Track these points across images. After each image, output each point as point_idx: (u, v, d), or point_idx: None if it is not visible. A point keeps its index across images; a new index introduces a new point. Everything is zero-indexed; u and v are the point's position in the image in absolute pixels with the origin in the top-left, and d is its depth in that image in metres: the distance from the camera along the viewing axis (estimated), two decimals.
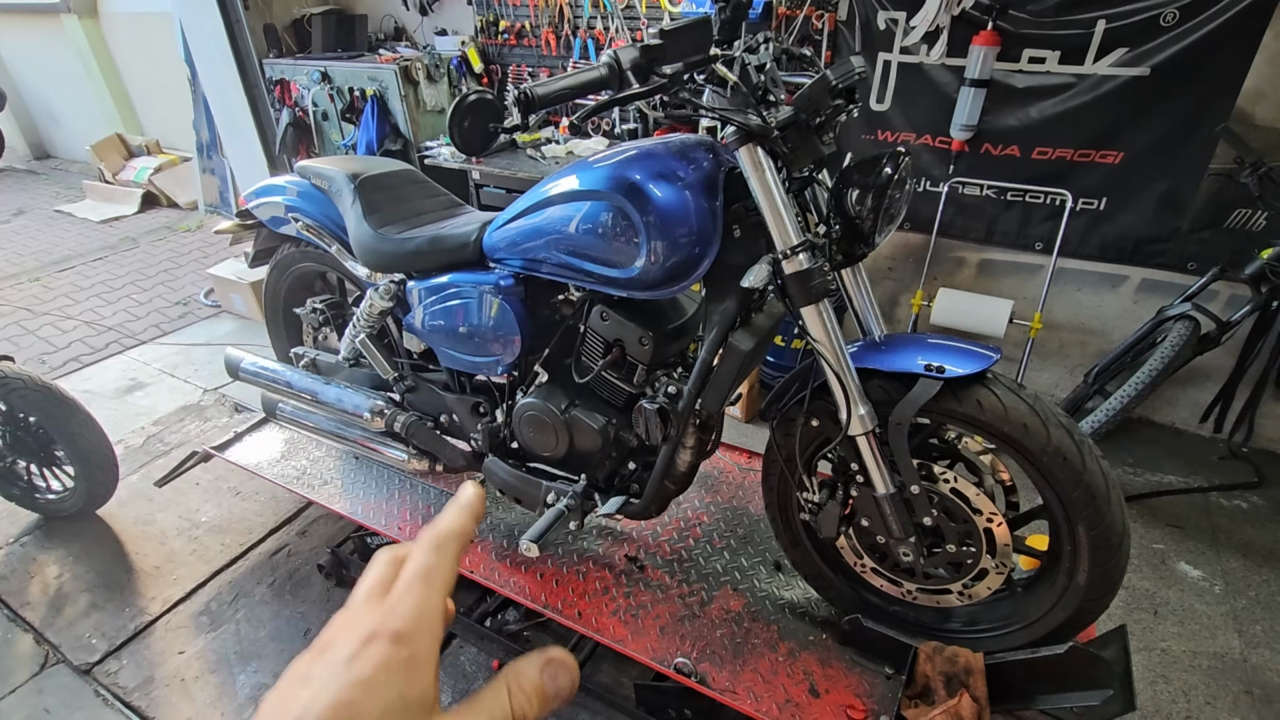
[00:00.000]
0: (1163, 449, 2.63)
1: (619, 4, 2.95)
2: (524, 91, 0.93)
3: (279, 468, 1.89)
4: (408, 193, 1.50)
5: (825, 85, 1.00)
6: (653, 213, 1.06)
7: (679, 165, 1.09)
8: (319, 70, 3.27)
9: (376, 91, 3.16)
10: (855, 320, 1.31)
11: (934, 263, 2.83)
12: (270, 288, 1.82)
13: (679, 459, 1.26)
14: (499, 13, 3.28)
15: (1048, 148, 2.45)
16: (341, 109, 3.29)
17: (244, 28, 3.43)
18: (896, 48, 2.52)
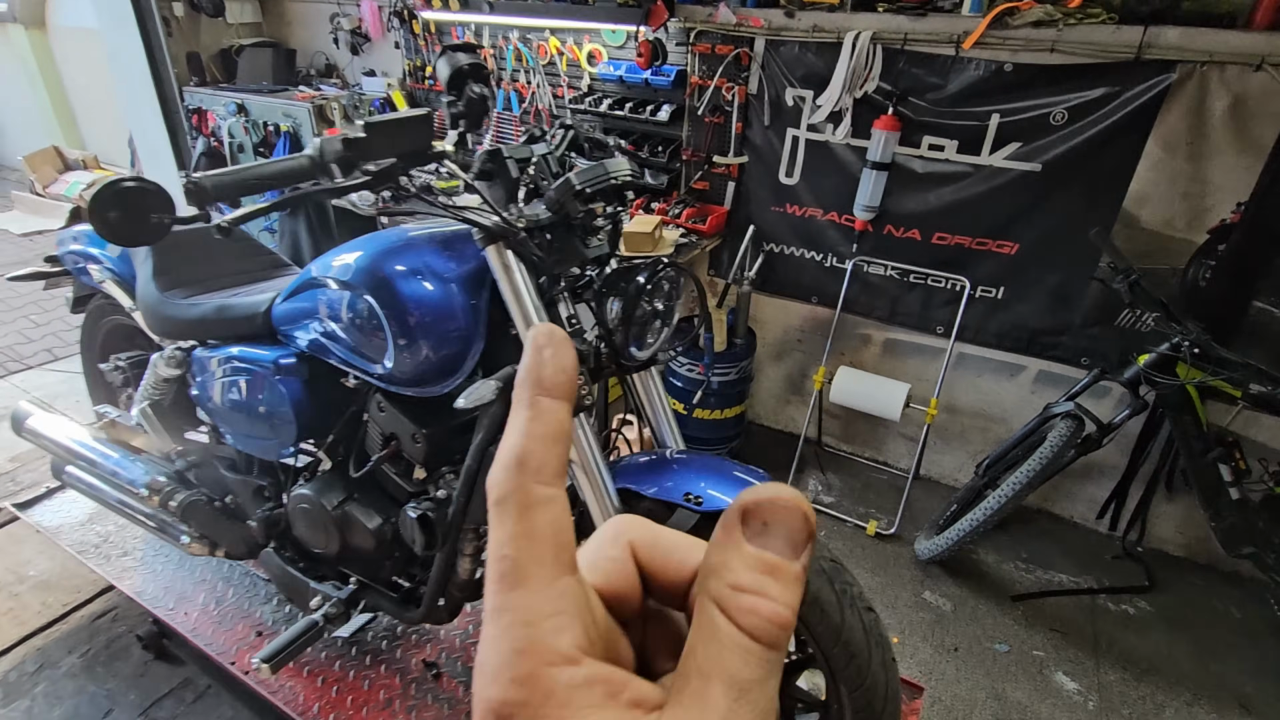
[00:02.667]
0: (1058, 544, 2.56)
1: (540, 60, 2.93)
2: (194, 181, 0.83)
3: (80, 533, 1.72)
4: (216, 252, 1.40)
5: (569, 189, 0.93)
6: (397, 309, 0.97)
7: (439, 258, 1.01)
8: (235, 102, 3.19)
9: (290, 128, 3.09)
10: (651, 431, 1.22)
11: (840, 338, 2.78)
12: (84, 338, 1.70)
13: (460, 567, 1.14)
14: (426, 59, 3.25)
15: (947, 233, 2.44)
16: (256, 143, 3.20)
17: (164, 53, 3.36)
18: (804, 124, 2.52)
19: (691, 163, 2.77)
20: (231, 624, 1.45)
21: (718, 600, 0.19)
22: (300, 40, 3.66)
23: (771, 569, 0.19)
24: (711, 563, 0.20)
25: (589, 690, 0.19)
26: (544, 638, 0.19)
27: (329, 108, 3.02)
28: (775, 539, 0.20)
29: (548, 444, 0.21)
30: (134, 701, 1.85)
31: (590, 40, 2.79)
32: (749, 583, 0.19)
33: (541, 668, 0.19)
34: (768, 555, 0.20)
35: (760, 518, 0.20)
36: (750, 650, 0.19)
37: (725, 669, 0.19)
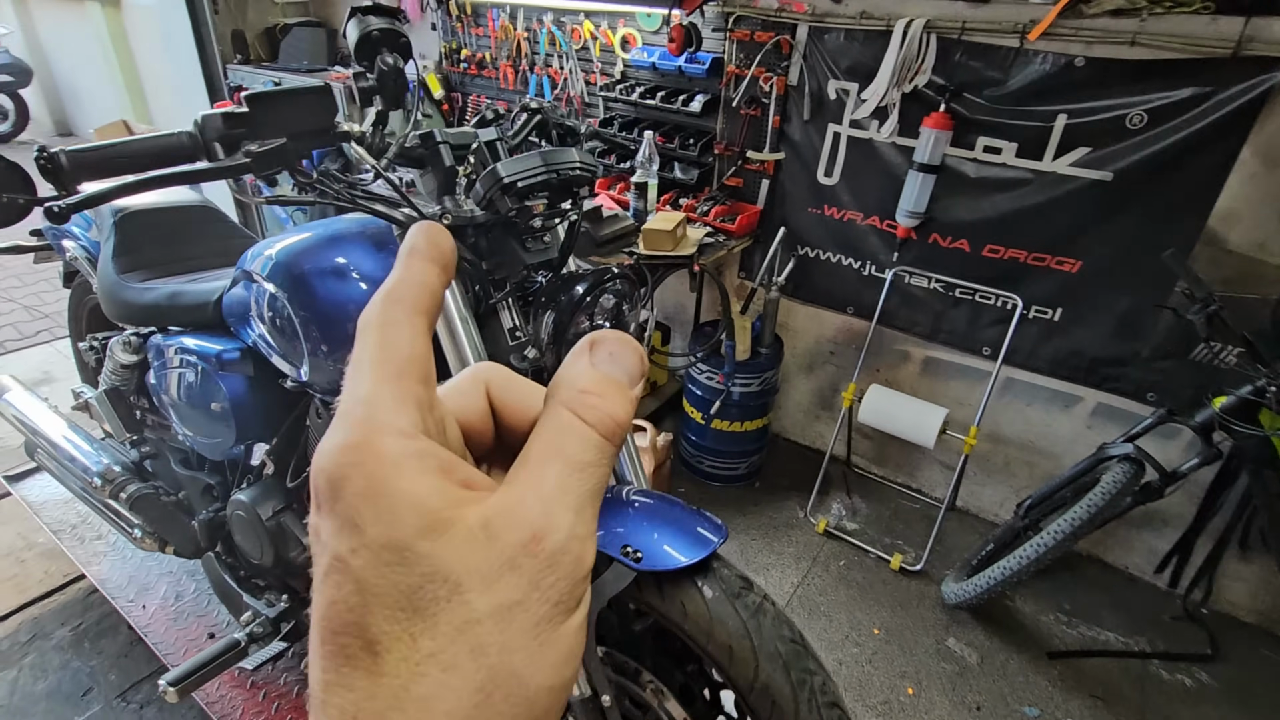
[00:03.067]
0: (1108, 597, 2.30)
1: (574, 44, 2.80)
2: (48, 155, 0.72)
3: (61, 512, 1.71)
4: (190, 234, 1.33)
5: (494, 181, 0.80)
6: (312, 312, 0.86)
7: (368, 257, 0.89)
8: (272, 80, 3.19)
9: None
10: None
11: (875, 353, 2.57)
12: (70, 315, 1.67)
13: None
14: (462, 41, 3.17)
15: (1000, 246, 2.20)
16: None
17: (210, 30, 3.39)
18: (846, 120, 2.32)
19: (724, 157, 2.60)
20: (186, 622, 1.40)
21: (565, 402, 0.22)
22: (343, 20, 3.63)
23: (613, 384, 0.23)
24: (560, 378, 0.24)
25: (420, 460, 0.20)
26: (380, 415, 0.20)
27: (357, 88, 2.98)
28: (617, 366, 0.23)
29: (410, 286, 0.24)
30: (114, 683, 1.84)
31: (625, 24, 2.65)
32: (595, 389, 0.23)
33: (376, 435, 0.20)
34: (611, 374, 0.23)
35: (606, 349, 0.24)
36: (588, 436, 0.22)
37: (564, 450, 0.22)
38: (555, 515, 0.20)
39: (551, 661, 0.20)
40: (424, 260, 0.24)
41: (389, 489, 0.19)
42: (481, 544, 0.20)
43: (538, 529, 0.20)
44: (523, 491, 0.21)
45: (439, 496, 0.20)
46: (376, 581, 0.19)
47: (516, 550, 0.20)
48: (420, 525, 0.19)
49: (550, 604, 0.20)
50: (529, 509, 0.20)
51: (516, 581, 0.20)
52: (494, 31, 3.00)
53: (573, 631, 0.21)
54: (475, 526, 0.20)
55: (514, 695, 0.20)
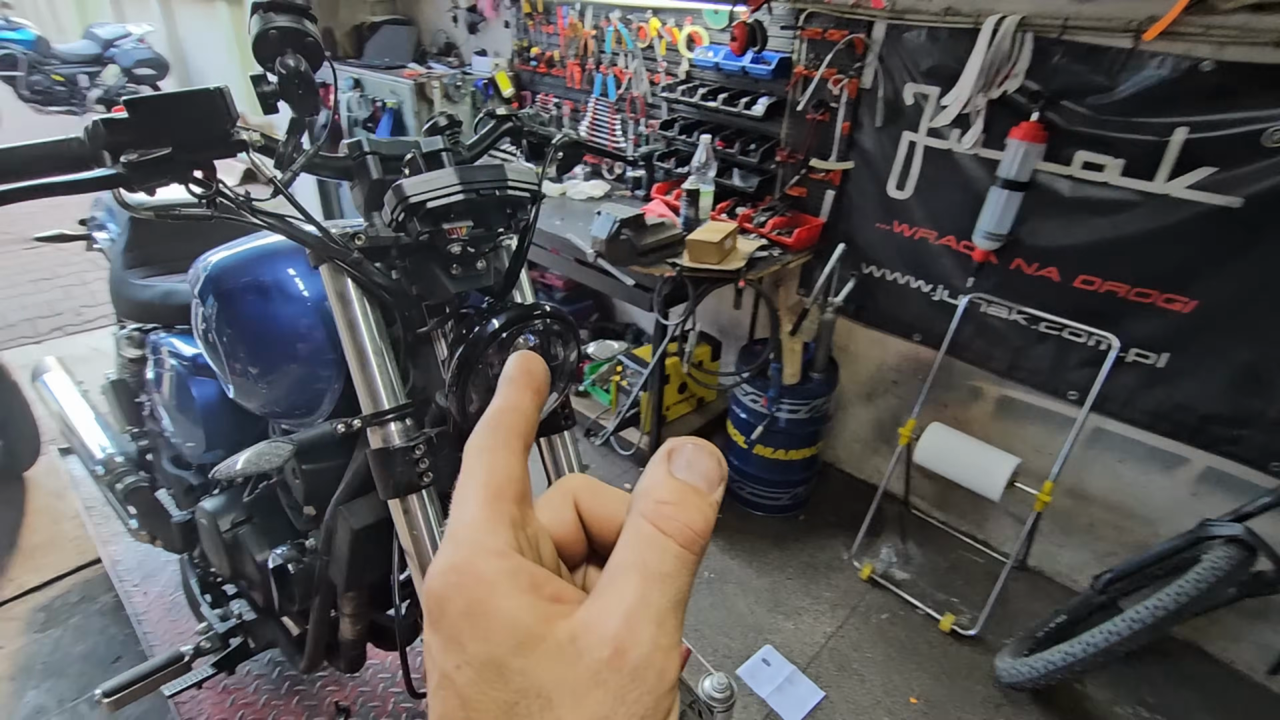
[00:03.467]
0: (1205, 696, 1.96)
1: (640, 42, 2.70)
2: None
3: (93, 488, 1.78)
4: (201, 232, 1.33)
5: (399, 199, 0.69)
6: (232, 329, 0.80)
7: (298, 275, 0.82)
8: (353, 77, 3.29)
9: (394, 105, 3.12)
10: None
11: (943, 387, 2.32)
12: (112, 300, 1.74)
13: (342, 626, 0.98)
14: (533, 39, 3.14)
15: (1096, 276, 1.91)
16: (364, 118, 3.28)
17: None
18: (923, 128, 2.09)
19: (787, 165, 2.42)
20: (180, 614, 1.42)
21: (645, 514, 0.23)
22: (427, 18, 3.71)
23: (692, 492, 0.23)
24: (640, 488, 0.24)
25: (514, 578, 0.22)
26: (479, 537, 0.23)
27: (429, 86, 3.01)
28: (695, 473, 0.24)
29: (510, 413, 0.26)
30: (139, 654, 1.92)
31: (692, 21, 2.52)
32: (673, 499, 0.23)
33: (475, 556, 0.22)
34: (689, 482, 0.24)
35: (684, 457, 0.24)
36: (668, 548, 0.22)
37: (645, 563, 0.22)
38: (637, 628, 0.21)
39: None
40: (521, 389, 0.27)
41: (486, 608, 0.21)
42: (570, 659, 0.21)
43: (620, 643, 0.21)
44: (605, 605, 0.22)
45: (530, 612, 0.21)
46: (478, 698, 0.20)
47: (601, 665, 0.20)
48: (514, 642, 0.21)
49: (636, 718, 0.20)
50: (611, 623, 0.21)
51: (602, 697, 0.20)
52: (563, 29, 2.94)
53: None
54: (564, 641, 0.21)
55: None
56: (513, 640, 0.21)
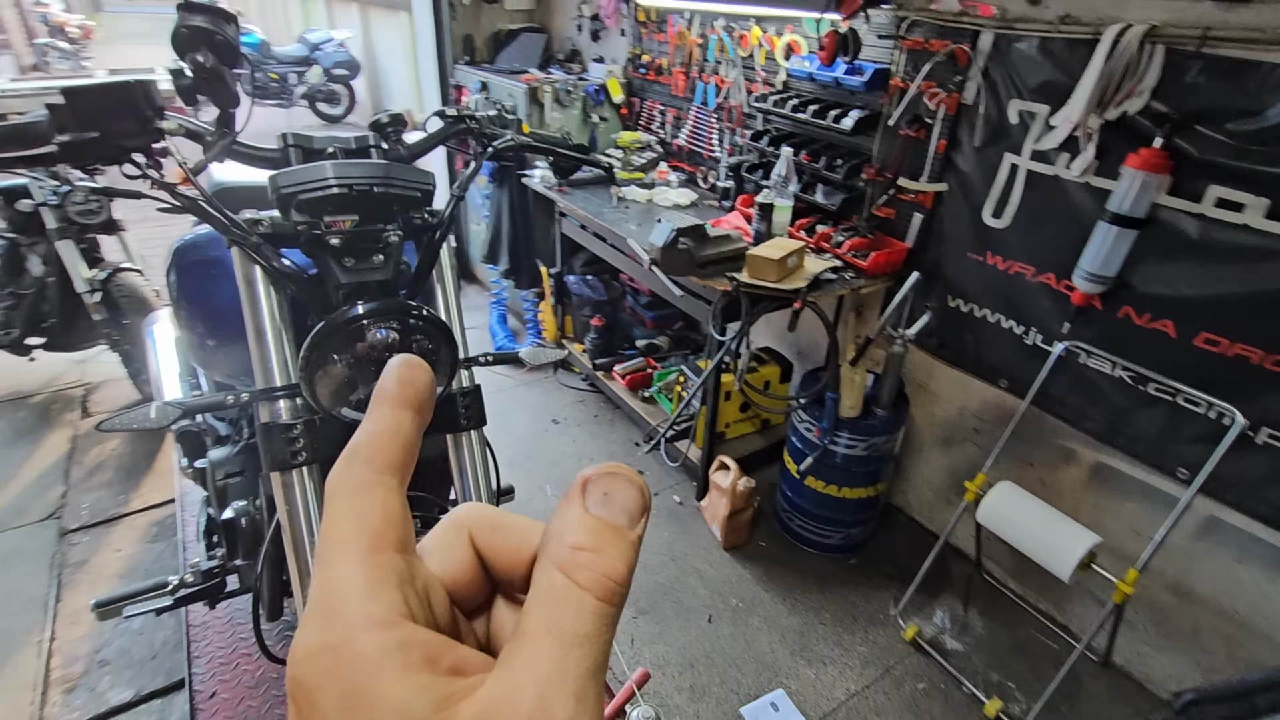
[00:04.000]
0: None
1: (740, 52, 2.65)
2: None
3: None
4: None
5: (274, 188, 0.71)
6: (184, 302, 0.88)
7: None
8: (480, 80, 3.52)
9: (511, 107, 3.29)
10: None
11: (1029, 442, 2.06)
12: None
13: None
14: (645, 47, 3.19)
15: (1222, 337, 1.60)
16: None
17: (447, 34, 3.84)
18: (1028, 150, 1.86)
19: (875, 184, 2.25)
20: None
21: (557, 561, 0.20)
22: (558, 26, 3.88)
23: (610, 530, 0.20)
24: (551, 529, 0.21)
25: (404, 654, 0.18)
26: (356, 604, 0.19)
27: (541, 91, 3.15)
28: (613, 508, 0.21)
29: (379, 438, 0.22)
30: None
31: (793, 30, 2.43)
32: (588, 543, 0.20)
33: (352, 631, 0.18)
34: (606, 520, 0.21)
35: (600, 488, 0.21)
36: (584, 603, 0.19)
37: (559, 624, 0.19)
38: (554, 707, 0.18)
39: None
40: (394, 406, 0.22)
41: (369, 697, 0.17)
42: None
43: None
44: (515, 679, 0.18)
45: (425, 697, 0.18)
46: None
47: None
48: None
49: None
50: (524, 703, 0.18)
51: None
52: (672, 37, 2.96)
53: None
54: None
55: None
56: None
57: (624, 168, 3.05)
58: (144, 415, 0.80)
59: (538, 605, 0.19)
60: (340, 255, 0.78)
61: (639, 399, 2.96)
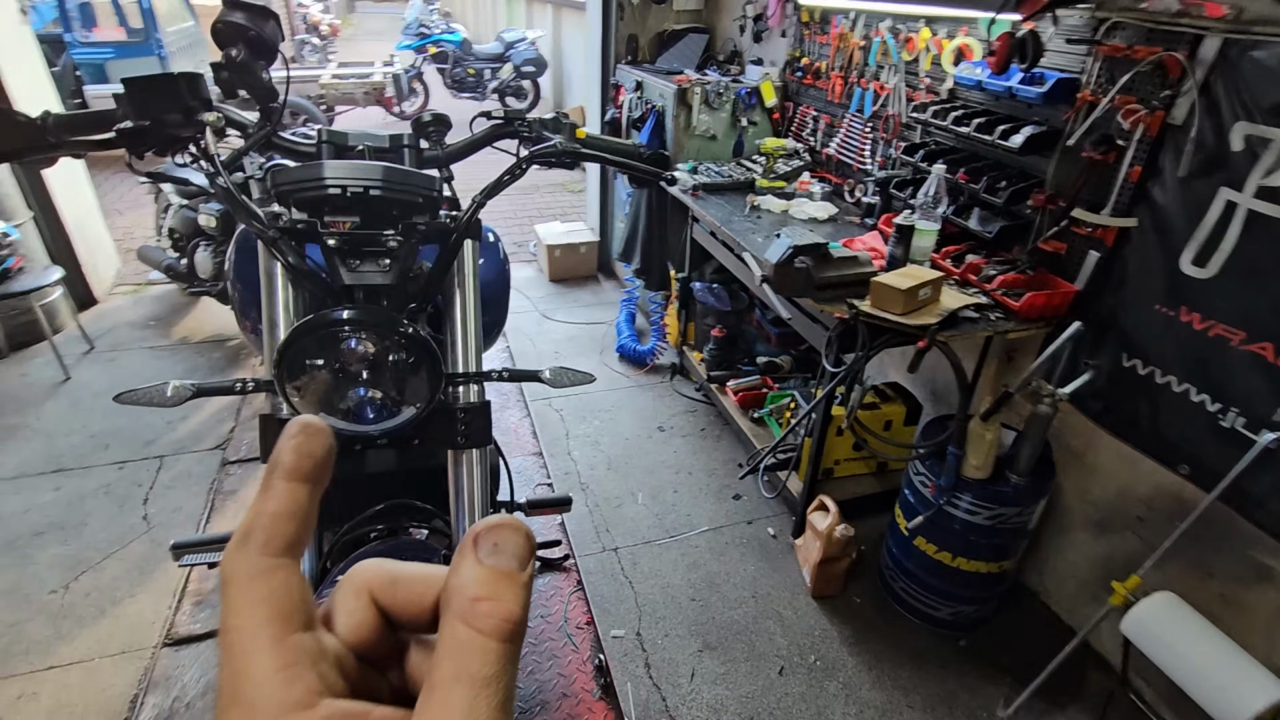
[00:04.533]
0: None
1: (906, 56, 2.39)
2: (41, 114, 0.83)
3: None
4: None
5: (272, 185, 0.68)
6: (237, 283, 0.90)
7: None
8: (637, 80, 3.52)
9: (660, 108, 3.26)
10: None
11: (1210, 548, 1.66)
12: None
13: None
14: (806, 49, 3.00)
15: None
16: (636, 118, 3.49)
17: (613, 33, 3.90)
18: (1252, 185, 1.48)
19: (1045, 213, 1.93)
20: None
21: (460, 615, 0.21)
22: (723, 27, 3.79)
23: (503, 577, 0.22)
24: (451, 585, 0.22)
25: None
26: (274, 693, 0.20)
27: (690, 92, 3.08)
28: (503, 556, 0.22)
29: (276, 520, 0.22)
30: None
31: (967, 32, 2.14)
32: (485, 593, 0.21)
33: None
34: (498, 568, 0.22)
35: (490, 540, 0.22)
36: (489, 648, 0.21)
37: (468, 670, 0.20)
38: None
39: None
40: (289, 480, 0.23)
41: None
42: None
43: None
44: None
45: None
46: None
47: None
48: None
49: None
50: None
51: None
52: (833, 39, 2.75)
53: None
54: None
55: None
56: None
57: (765, 175, 2.91)
58: (161, 392, 0.86)
59: (446, 656, 0.21)
60: (344, 256, 0.78)
61: (749, 418, 2.82)
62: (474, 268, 0.79)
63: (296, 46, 13.21)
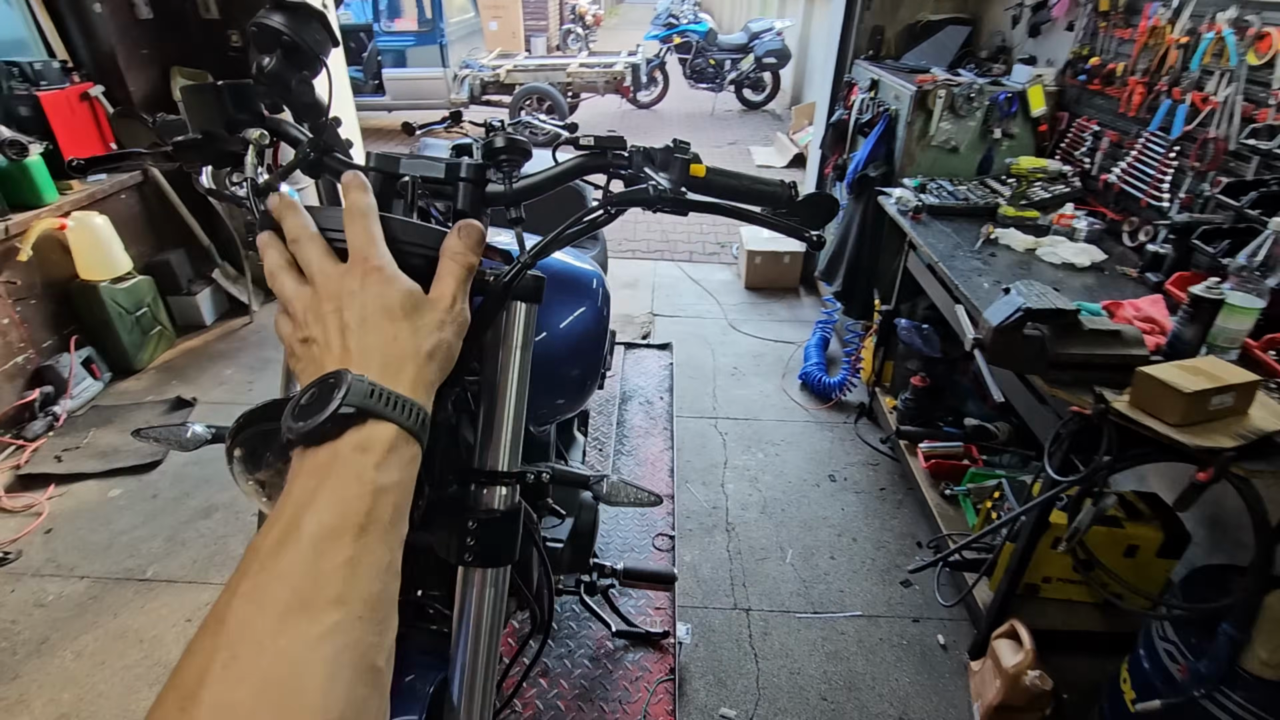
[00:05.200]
0: None
1: (1249, 60, 1.73)
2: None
3: None
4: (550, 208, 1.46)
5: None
6: None
7: None
8: (872, 78, 3.08)
9: (893, 111, 2.80)
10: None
11: None
12: None
13: None
14: (1098, 46, 2.37)
15: None
16: (863, 121, 3.06)
17: (855, 24, 3.47)
18: None
19: None
20: None
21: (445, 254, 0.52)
22: (991, 17, 3.18)
23: (462, 249, 0.52)
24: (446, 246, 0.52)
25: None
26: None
27: (933, 96, 2.58)
28: (469, 239, 0.52)
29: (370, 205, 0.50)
30: None
31: None
32: (455, 246, 0.52)
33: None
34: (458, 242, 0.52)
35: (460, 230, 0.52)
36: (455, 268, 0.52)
37: (451, 269, 0.51)
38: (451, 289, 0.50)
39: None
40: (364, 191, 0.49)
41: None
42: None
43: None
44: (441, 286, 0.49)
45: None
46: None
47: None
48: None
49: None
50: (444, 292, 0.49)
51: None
52: (1141, 33, 2.12)
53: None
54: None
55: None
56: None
57: (1013, 201, 2.37)
58: (179, 434, 0.81)
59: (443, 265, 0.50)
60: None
61: (939, 492, 2.34)
62: (525, 337, 0.62)
63: (562, 35, 14.27)
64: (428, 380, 0.45)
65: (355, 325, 0.43)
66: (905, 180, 2.67)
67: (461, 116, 2.94)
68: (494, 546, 0.63)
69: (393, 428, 0.40)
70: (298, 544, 0.35)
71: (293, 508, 0.37)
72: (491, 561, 0.63)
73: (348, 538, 0.36)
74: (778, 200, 0.74)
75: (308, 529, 0.36)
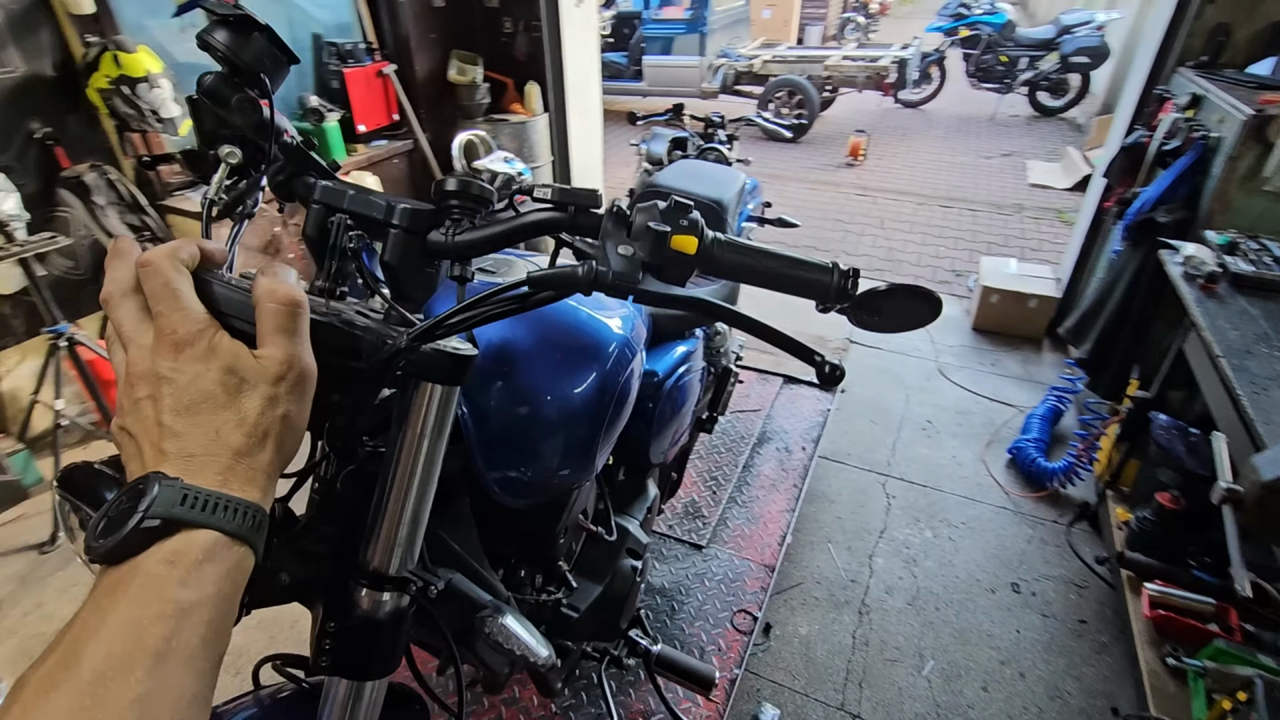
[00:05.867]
0: None
1: None
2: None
3: None
4: None
5: None
6: None
7: None
8: (1193, 92, 2.33)
9: (1213, 140, 2.08)
10: None
11: None
12: None
13: None
14: None
15: None
16: (1167, 150, 2.33)
17: (1188, 22, 2.66)
18: None
19: None
20: None
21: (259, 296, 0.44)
22: None
23: (273, 285, 0.45)
24: (259, 290, 0.45)
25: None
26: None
27: (1277, 124, 1.85)
28: (282, 279, 0.46)
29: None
30: None
31: None
32: (268, 287, 0.44)
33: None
34: (271, 280, 0.45)
35: (271, 270, 0.46)
36: (273, 309, 0.43)
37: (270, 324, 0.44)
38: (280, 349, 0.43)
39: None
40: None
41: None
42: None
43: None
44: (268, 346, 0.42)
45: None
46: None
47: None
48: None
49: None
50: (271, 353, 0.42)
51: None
52: None
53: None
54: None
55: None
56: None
57: None
58: None
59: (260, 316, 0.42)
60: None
61: (1160, 655, 1.76)
62: (436, 423, 0.50)
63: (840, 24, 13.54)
64: (264, 469, 0.39)
65: (170, 419, 0.38)
66: (1209, 234, 2.01)
67: (683, 109, 2.88)
68: (359, 656, 0.54)
69: (211, 534, 0.35)
70: (73, 681, 0.30)
71: (73, 635, 0.32)
72: (355, 674, 0.54)
73: (139, 671, 0.30)
74: (823, 291, 0.52)
75: (89, 661, 0.30)
